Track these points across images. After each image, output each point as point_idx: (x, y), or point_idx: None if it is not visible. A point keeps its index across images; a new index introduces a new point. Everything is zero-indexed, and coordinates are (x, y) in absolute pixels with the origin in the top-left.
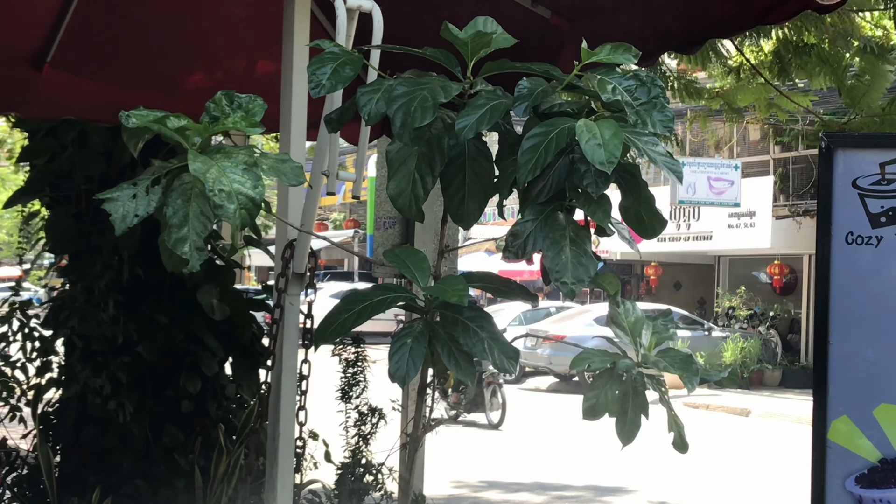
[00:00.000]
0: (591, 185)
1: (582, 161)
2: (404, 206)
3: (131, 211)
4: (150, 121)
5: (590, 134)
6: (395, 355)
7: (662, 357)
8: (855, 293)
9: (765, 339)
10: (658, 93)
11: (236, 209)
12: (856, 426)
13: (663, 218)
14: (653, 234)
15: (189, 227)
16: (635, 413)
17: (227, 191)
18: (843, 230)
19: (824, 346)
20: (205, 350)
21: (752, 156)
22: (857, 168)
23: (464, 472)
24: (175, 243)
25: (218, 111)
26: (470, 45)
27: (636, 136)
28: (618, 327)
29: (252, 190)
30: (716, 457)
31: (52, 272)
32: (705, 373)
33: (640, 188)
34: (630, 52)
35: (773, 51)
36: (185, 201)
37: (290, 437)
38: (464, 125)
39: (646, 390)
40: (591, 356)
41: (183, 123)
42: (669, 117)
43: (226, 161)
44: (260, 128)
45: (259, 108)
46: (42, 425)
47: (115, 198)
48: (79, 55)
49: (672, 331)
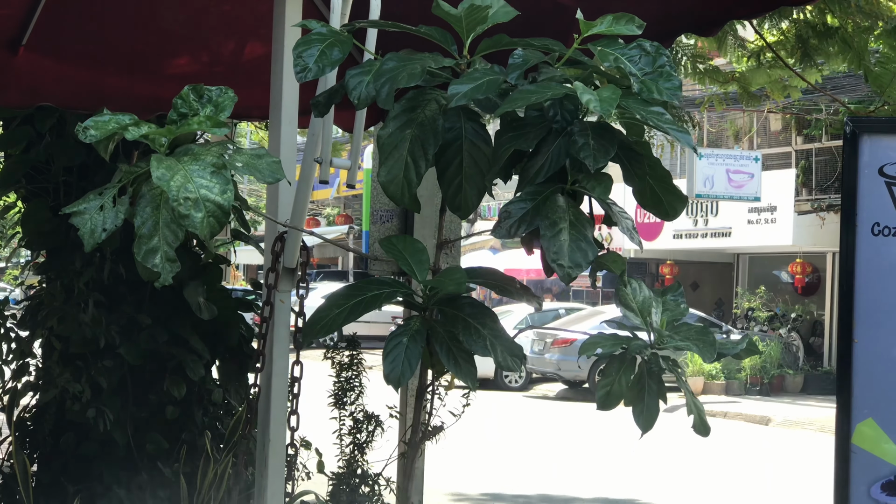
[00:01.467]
0: (590, 157)
1: (581, 133)
2: (396, 192)
3: (99, 224)
4: (111, 129)
5: (588, 92)
6: (389, 355)
7: (676, 333)
8: (881, 288)
9: (786, 343)
10: (664, 62)
11: (203, 218)
12: (882, 430)
13: (683, 195)
14: (674, 214)
15: (159, 237)
16: (652, 398)
17: (194, 198)
18: (869, 221)
19: (848, 345)
20: (190, 353)
21: (773, 147)
22: (885, 155)
23: (465, 483)
24: (145, 255)
25: (186, 107)
26: (464, 20)
27: (640, 105)
28: (626, 308)
29: (220, 196)
30: (733, 468)
31: (28, 269)
32: (722, 347)
33: (644, 165)
34: (633, 22)
35: (795, 34)
36: (155, 209)
37: (280, 444)
38: (457, 91)
39: (662, 373)
40: (601, 340)
41: (144, 131)
42: (677, 84)
43: (193, 164)
44: (225, 127)
45: (229, 102)
46: (18, 432)
47: (81, 211)
48: (57, 38)
49: (683, 306)
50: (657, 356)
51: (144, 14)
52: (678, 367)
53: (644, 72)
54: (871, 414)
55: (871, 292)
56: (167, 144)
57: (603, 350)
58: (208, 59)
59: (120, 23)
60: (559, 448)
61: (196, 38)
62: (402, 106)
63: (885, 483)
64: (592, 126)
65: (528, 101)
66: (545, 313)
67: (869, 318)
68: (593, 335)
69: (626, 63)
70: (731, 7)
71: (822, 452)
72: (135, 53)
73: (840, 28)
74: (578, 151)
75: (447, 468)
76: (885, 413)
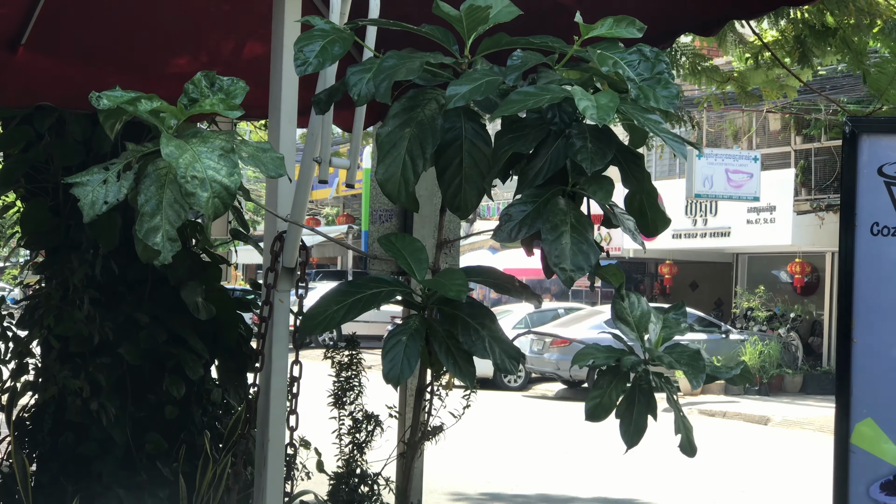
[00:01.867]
0: (587, 160)
1: (579, 136)
2: (393, 190)
3: (101, 197)
4: (123, 102)
5: (585, 98)
6: (388, 353)
7: (668, 353)
8: (881, 287)
9: (785, 343)
10: (663, 68)
11: (209, 197)
12: (881, 430)
13: (666, 216)
14: (654, 232)
15: (162, 216)
16: (641, 414)
17: (201, 178)
18: (869, 220)
19: (847, 345)
20: (189, 352)
21: (773, 147)
22: (884, 154)
23: (464, 483)
24: (147, 233)
25: (196, 93)
26: (465, 20)
27: (639, 111)
28: (623, 322)
29: (227, 178)
30: (732, 468)
31: (27, 269)
32: (715, 370)
33: (643, 171)
34: (634, 25)
35: (794, 35)
36: (159, 188)
37: (279, 444)
38: (455, 92)
39: (653, 390)
40: (595, 352)
41: (156, 105)
42: (674, 93)
43: (201, 146)
44: (239, 110)
45: (240, 91)
46: (17, 431)
47: (83, 182)
48: (56, 37)
49: (684, 325)
50: (648, 373)
51: (144, 14)
52: (669, 385)
53: (642, 77)
54: (870, 414)
55: (871, 292)
56: (176, 127)
57: (595, 362)
58: (208, 58)
59: (119, 22)
60: (558, 448)
61: (195, 37)
62: (401, 105)
63: (884, 483)
64: (591, 129)
65: (525, 105)
66: (544, 313)
67: (868, 318)
68: (587, 346)
69: (624, 68)
70: (730, 7)
71: (821, 452)
72: (134, 53)
73: (839, 28)
74: (576, 154)
75: (446, 468)
76: (884, 413)
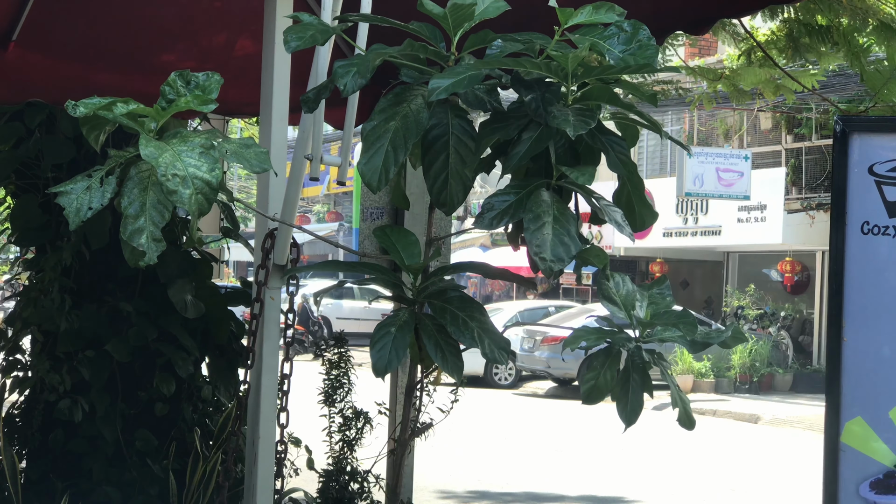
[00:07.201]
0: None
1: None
2: (373, 180)
3: (85, 203)
4: (99, 108)
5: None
6: (377, 344)
7: (658, 319)
8: (871, 287)
9: (775, 341)
10: (642, 35)
11: (192, 194)
12: (871, 428)
13: (654, 210)
14: (642, 226)
15: (146, 218)
16: (636, 392)
17: (182, 175)
18: (859, 220)
19: (838, 344)
20: (179, 349)
21: (763, 145)
22: (874, 153)
23: (453, 481)
24: (131, 235)
25: (173, 93)
26: (450, 17)
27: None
28: (609, 301)
29: (208, 174)
30: (722, 466)
31: (17, 266)
32: (706, 336)
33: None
34: (613, 10)
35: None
36: (142, 191)
37: (270, 441)
38: (437, 85)
39: (647, 367)
40: (585, 334)
41: (132, 108)
42: (653, 53)
43: (181, 145)
44: (213, 104)
45: (215, 85)
46: (6, 428)
47: (68, 191)
48: (47, 33)
49: (669, 299)
50: (641, 349)
51: (135, 10)
52: (663, 360)
53: (622, 49)
54: (860, 412)
55: (861, 291)
56: (156, 129)
57: (587, 343)
58: (199, 54)
59: (110, 18)
60: (548, 446)
61: (187, 33)
62: (388, 101)
63: (873, 481)
64: (572, 108)
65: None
66: (534, 311)
67: (858, 317)
68: (577, 329)
69: (602, 44)
70: (721, 5)
71: (811, 451)
72: (125, 49)
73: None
74: (559, 123)
75: (436, 465)
76: (874, 411)
